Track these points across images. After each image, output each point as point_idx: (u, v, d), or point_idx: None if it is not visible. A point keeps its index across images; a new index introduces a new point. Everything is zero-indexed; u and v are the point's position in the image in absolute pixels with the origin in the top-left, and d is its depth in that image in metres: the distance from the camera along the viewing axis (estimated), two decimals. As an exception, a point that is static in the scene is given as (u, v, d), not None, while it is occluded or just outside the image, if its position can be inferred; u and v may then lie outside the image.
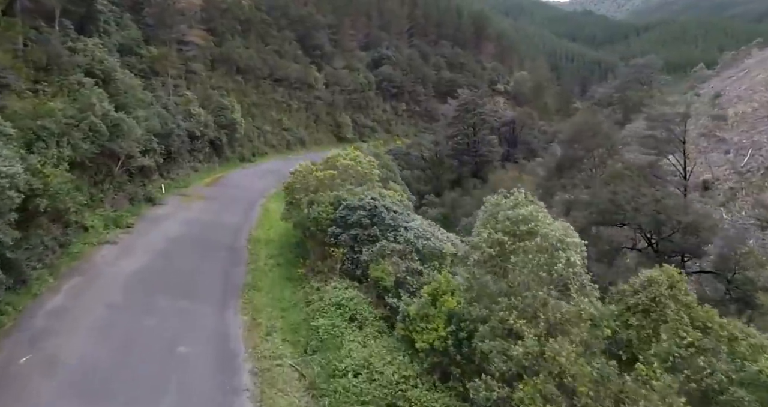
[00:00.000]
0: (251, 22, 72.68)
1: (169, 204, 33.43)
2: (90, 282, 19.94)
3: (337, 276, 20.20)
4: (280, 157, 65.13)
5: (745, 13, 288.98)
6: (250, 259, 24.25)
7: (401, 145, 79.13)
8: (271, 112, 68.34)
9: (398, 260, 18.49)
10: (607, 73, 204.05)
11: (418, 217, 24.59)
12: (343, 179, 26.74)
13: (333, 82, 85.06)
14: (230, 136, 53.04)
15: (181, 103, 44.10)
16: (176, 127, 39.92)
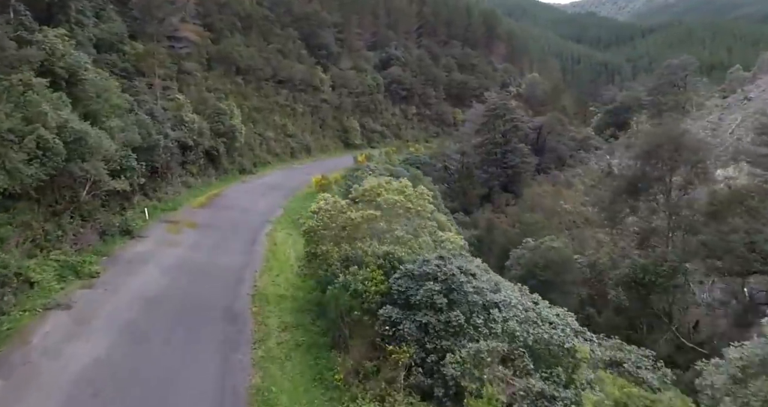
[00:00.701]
0: (252, 19, 65.64)
1: (152, 237, 26.36)
2: (15, 395, 12.78)
3: (403, 393, 12.90)
4: (284, 166, 58.15)
5: (749, 15, 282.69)
6: (256, 334, 16.90)
7: (414, 152, 72.18)
8: (273, 116, 61.31)
9: (505, 372, 11.31)
10: (614, 75, 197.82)
11: (504, 280, 17.44)
12: (388, 220, 19.47)
13: (340, 84, 78.09)
14: (229, 145, 46.03)
15: (170, 108, 37.09)
16: (164, 137, 32.87)
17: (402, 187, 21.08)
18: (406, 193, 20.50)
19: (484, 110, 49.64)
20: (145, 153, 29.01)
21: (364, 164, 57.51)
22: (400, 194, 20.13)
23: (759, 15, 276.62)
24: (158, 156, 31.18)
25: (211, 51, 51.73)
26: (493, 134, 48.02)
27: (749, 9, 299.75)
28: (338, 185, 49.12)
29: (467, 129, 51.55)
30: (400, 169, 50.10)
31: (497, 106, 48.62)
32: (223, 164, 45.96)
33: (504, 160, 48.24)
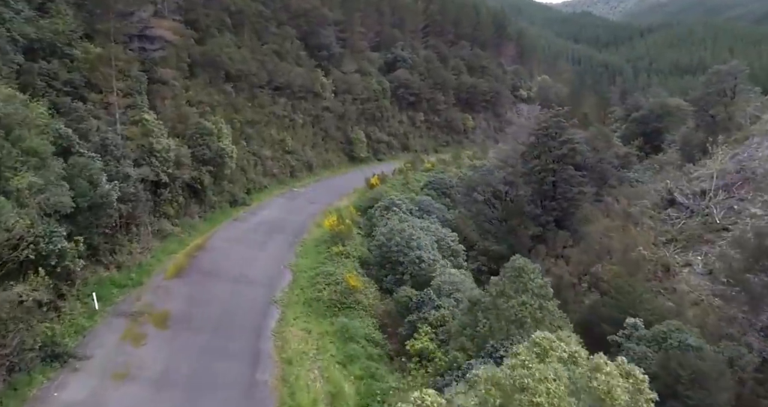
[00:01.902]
0: (244, 15, 55.06)
1: (96, 359, 16.27)
2: None
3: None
4: (283, 190, 47.95)
5: (742, 16, 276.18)
6: None
7: (430, 167, 62.28)
8: (270, 130, 50.99)
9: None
10: (616, 76, 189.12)
11: None
12: None
13: (343, 90, 67.89)
14: (216, 173, 35.84)
15: (135, 135, 26.78)
16: (121, 181, 22.61)
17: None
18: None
19: (532, 129, 39.67)
20: (88, 216, 18.77)
21: (378, 189, 47.60)
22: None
23: (752, 16, 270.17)
24: (110, 213, 20.89)
25: (194, 54, 41.25)
26: (545, 158, 38.19)
27: (741, 10, 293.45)
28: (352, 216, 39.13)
29: (509, 149, 41.62)
30: (426, 200, 40.14)
31: (549, 124, 38.75)
32: (209, 198, 35.70)
33: (557, 190, 38.43)
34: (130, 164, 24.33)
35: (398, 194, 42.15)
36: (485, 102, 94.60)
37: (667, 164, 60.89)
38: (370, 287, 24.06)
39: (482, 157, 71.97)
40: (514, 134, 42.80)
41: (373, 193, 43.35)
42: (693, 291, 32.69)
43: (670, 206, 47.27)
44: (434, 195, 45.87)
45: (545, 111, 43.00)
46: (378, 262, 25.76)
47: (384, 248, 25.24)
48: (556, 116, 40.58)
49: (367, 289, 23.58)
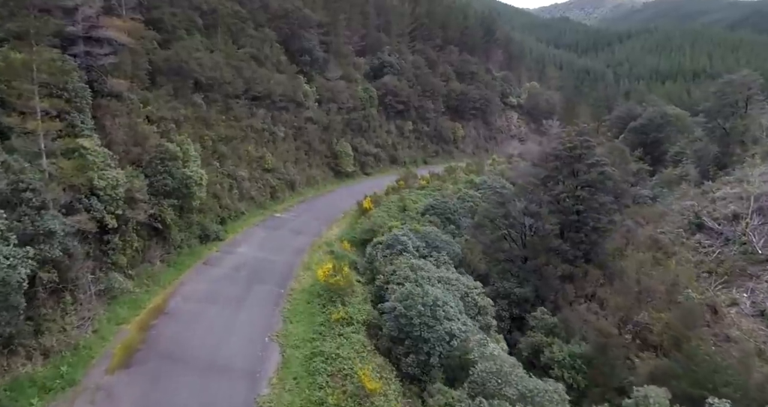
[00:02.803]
0: (218, 15, 48.29)
1: None
2: None
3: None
4: (263, 217, 41.36)
5: (716, 22, 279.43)
6: None
7: (425, 183, 56.35)
8: (247, 147, 44.35)
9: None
10: (597, 81, 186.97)
11: None
12: None
13: (327, 98, 61.61)
14: (181, 205, 29.17)
15: (67, 170, 20.04)
16: (40, 242, 15.98)
17: None
18: None
19: (559, 147, 34.02)
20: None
21: (373, 215, 41.45)
22: None
23: (727, 21, 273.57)
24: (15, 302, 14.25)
25: (156, 59, 34.44)
26: (571, 183, 32.65)
27: (716, 15, 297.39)
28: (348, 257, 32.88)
29: (527, 172, 35.85)
30: (432, 233, 34.10)
31: (574, 143, 33.19)
32: (173, 237, 28.98)
33: (585, 220, 32.88)
34: (55, 214, 17.66)
35: (398, 224, 36.01)
36: (475, 110, 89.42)
37: (679, 180, 56.29)
38: (388, 380, 17.83)
39: (478, 170, 66.49)
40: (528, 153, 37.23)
41: (369, 223, 37.11)
42: (749, 339, 27.53)
43: (699, 231, 42.38)
44: (437, 223, 39.92)
45: (569, 128, 37.44)
46: (394, 336, 19.62)
47: (402, 320, 19.14)
48: (581, 133, 35.08)
49: (387, 385, 17.38)
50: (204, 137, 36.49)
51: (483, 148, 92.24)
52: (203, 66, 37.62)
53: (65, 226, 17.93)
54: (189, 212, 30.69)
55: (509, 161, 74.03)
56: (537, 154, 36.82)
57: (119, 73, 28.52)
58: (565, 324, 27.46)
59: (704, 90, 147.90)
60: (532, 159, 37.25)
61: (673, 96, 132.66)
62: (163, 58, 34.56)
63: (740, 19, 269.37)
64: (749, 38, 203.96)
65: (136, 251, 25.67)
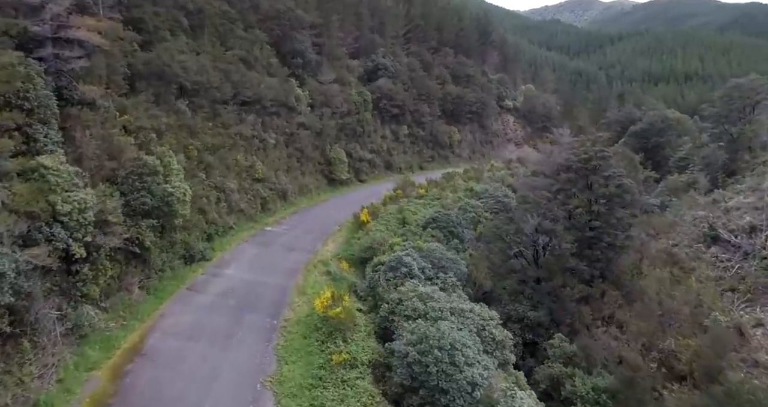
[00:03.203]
0: (205, 15, 45.37)
1: None
2: None
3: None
4: (253, 232, 38.53)
5: (705, 25, 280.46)
6: None
7: (424, 192, 53.75)
8: (236, 155, 41.45)
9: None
10: (590, 83, 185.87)
11: None
12: None
13: (320, 103, 58.86)
14: (162, 225, 26.31)
15: (22, 197, 17.14)
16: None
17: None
18: None
19: (566, 159, 31.60)
20: None
21: (371, 229, 38.80)
22: None
23: (715, 24, 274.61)
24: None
25: (135, 63, 31.50)
26: (586, 197, 30.23)
27: (704, 18, 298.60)
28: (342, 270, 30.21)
29: (537, 184, 33.24)
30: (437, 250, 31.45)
31: (590, 154, 30.76)
32: (154, 261, 26.07)
33: (602, 237, 30.46)
34: (4, 252, 14.77)
35: (399, 241, 33.34)
36: (471, 113, 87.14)
37: (686, 187, 54.22)
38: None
39: (477, 176, 64.12)
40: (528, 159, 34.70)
41: (368, 239, 34.39)
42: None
43: (714, 243, 40.18)
44: (440, 237, 37.32)
45: (582, 137, 35.01)
46: (407, 385, 16.95)
47: (416, 367, 16.50)
48: (595, 143, 32.69)
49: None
50: (188, 147, 33.57)
51: (479, 152, 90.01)
52: (188, 69, 34.67)
53: (19, 264, 15.05)
54: (171, 232, 27.81)
55: (508, 167, 71.77)
56: (548, 164, 34.31)
57: (92, 79, 25.58)
58: (584, 352, 24.97)
59: (698, 92, 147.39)
60: (542, 170, 34.66)
61: (668, 98, 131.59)
62: (144, 61, 31.60)
63: (729, 22, 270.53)
64: (740, 41, 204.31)
65: (110, 279, 22.76)
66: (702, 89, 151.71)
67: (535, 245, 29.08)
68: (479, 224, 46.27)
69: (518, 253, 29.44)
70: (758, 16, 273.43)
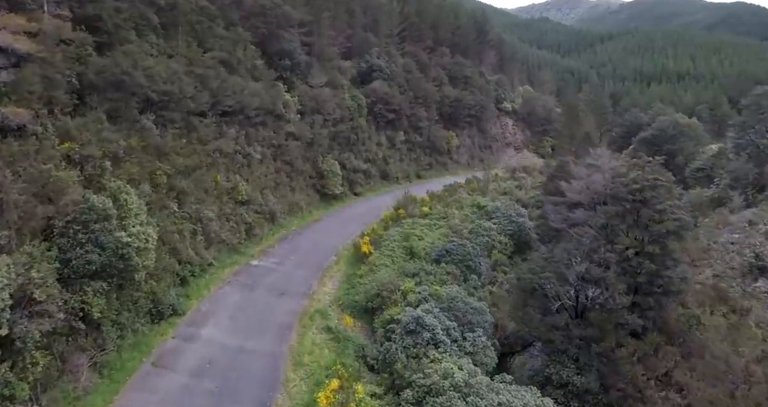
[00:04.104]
0: (179, 11, 38.98)
1: None
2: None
3: None
4: (237, 267, 32.54)
5: (691, 24, 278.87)
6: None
7: (428, 210, 48.07)
8: (215, 176, 35.35)
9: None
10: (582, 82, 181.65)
11: None
12: None
13: (311, 109, 52.86)
14: (119, 283, 20.25)
15: None
16: None
17: None
18: None
19: (610, 189, 26.20)
20: None
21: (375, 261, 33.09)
22: None
23: (703, 23, 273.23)
24: None
25: (87, 72, 25.20)
26: (638, 236, 24.95)
27: (690, 18, 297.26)
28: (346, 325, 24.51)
29: (578, 218, 27.65)
30: (458, 298, 25.90)
31: (641, 184, 25.44)
32: (106, 331, 20.02)
33: (655, 281, 25.20)
34: None
35: (412, 285, 27.70)
36: (470, 117, 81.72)
37: (711, 203, 49.39)
38: None
39: (482, 189, 58.67)
40: (574, 190, 29.16)
41: (374, 281, 28.63)
42: None
43: (761, 275, 35.31)
44: (457, 273, 31.79)
45: (628, 160, 29.59)
46: None
47: None
48: (644, 166, 27.37)
49: None
50: (156, 173, 27.41)
51: (478, 158, 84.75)
52: (154, 77, 28.38)
53: None
54: (131, 289, 21.74)
55: (513, 177, 66.56)
56: (586, 192, 28.82)
57: (21, 97, 19.38)
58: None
59: (694, 93, 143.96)
60: (579, 199, 29.13)
61: (665, 99, 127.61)
62: (98, 69, 25.32)
63: (716, 22, 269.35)
64: (730, 40, 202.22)
65: (47, 367, 16.76)
66: (696, 89, 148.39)
67: (578, 296, 23.63)
68: (493, 249, 40.99)
69: (564, 306, 23.95)
70: (744, 15, 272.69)
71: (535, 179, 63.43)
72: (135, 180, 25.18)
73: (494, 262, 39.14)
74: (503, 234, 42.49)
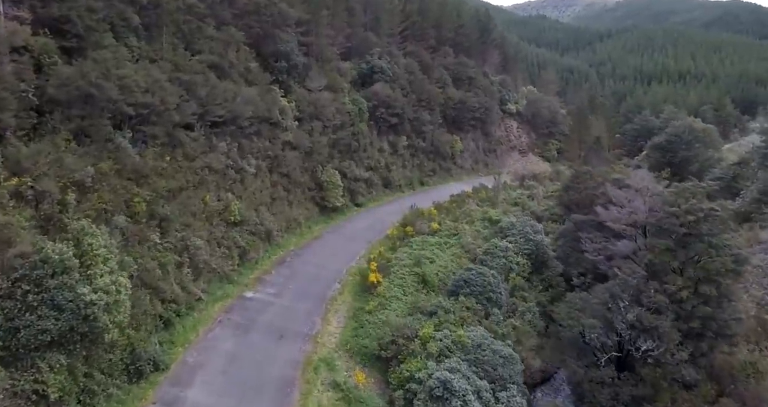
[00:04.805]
0: (164, 11, 34.87)
1: None
2: None
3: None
4: (230, 300, 28.75)
5: (688, 22, 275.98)
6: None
7: (436, 227, 44.32)
8: (204, 196, 31.43)
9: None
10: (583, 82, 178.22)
11: None
12: None
13: (310, 115, 48.92)
14: (84, 352, 16.26)
15: None
16: None
17: None
18: None
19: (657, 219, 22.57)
20: None
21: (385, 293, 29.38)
22: None
23: (698, 22, 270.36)
24: None
25: (48, 85, 21.16)
26: (692, 274, 21.38)
27: (686, 16, 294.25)
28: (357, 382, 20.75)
29: (620, 251, 23.93)
30: (484, 344, 22.23)
31: (695, 214, 21.82)
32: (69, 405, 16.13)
33: (708, 324, 21.66)
34: None
35: (431, 330, 23.96)
36: (474, 120, 78.00)
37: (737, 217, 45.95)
38: None
39: (491, 199, 55.03)
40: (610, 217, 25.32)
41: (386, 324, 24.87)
42: None
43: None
44: (478, 308, 28.10)
45: (676, 187, 25.79)
46: None
47: None
48: (696, 193, 23.74)
49: None
50: (133, 200, 23.47)
51: (482, 162, 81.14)
52: (131, 87, 24.31)
53: None
54: (101, 350, 17.86)
55: (522, 184, 62.99)
56: (626, 220, 25.13)
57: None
58: None
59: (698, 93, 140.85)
60: (620, 229, 25.42)
61: (669, 99, 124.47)
62: (60, 81, 21.26)
63: (713, 20, 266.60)
64: (730, 39, 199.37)
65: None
66: (699, 89, 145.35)
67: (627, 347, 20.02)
68: (511, 271, 37.36)
69: (609, 359, 20.32)
70: (741, 13, 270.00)
71: (546, 187, 59.93)
72: (107, 212, 21.28)
73: (512, 287, 35.55)
74: (520, 254, 38.89)
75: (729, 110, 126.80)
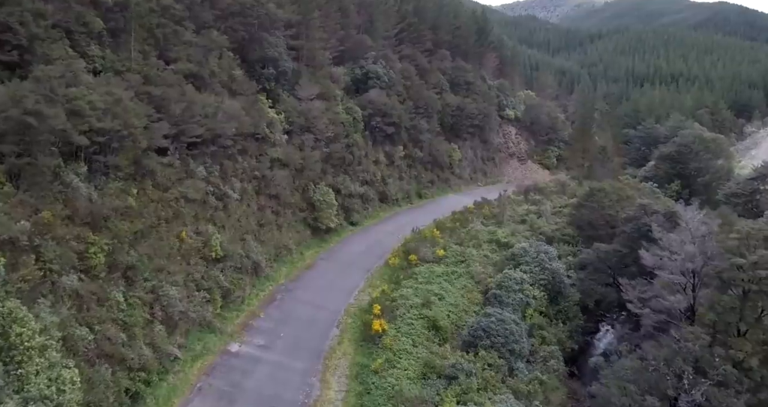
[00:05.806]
0: (133, 14, 30.13)
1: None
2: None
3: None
4: (211, 359, 24.26)
5: (677, 22, 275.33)
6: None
7: (442, 253, 40.09)
8: (180, 231, 26.81)
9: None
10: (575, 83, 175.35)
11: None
12: None
13: (300, 127, 44.57)
14: None
15: None
16: None
17: None
18: None
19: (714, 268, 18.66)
20: None
21: (391, 347, 25.15)
22: None
23: (688, 22, 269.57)
24: None
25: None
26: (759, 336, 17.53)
27: (675, 16, 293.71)
28: None
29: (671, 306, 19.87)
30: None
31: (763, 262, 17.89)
32: None
33: None
34: None
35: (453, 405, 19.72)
36: (473, 127, 73.96)
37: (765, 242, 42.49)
38: None
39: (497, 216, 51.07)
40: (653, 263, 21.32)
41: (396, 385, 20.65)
42: None
43: None
44: (500, 364, 24.02)
45: (738, 232, 21.75)
46: None
47: None
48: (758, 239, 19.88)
49: None
50: (88, 252, 18.89)
51: (481, 171, 77.22)
52: (82, 112, 19.63)
53: None
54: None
55: (527, 198, 59.09)
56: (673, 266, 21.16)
57: None
58: None
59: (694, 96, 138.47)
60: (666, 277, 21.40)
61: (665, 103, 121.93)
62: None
63: (702, 21, 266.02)
64: (720, 41, 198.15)
65: None
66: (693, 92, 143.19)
67: None
68: (528, 306, 33.36)
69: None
70: (730, 15, 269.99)
71: (553, 202, 56.13)
72: (53, 273, 16.70)
73: (530, 325, 31.58)
74: (536, 286, 34.90)
75: (725, 113, 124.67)
